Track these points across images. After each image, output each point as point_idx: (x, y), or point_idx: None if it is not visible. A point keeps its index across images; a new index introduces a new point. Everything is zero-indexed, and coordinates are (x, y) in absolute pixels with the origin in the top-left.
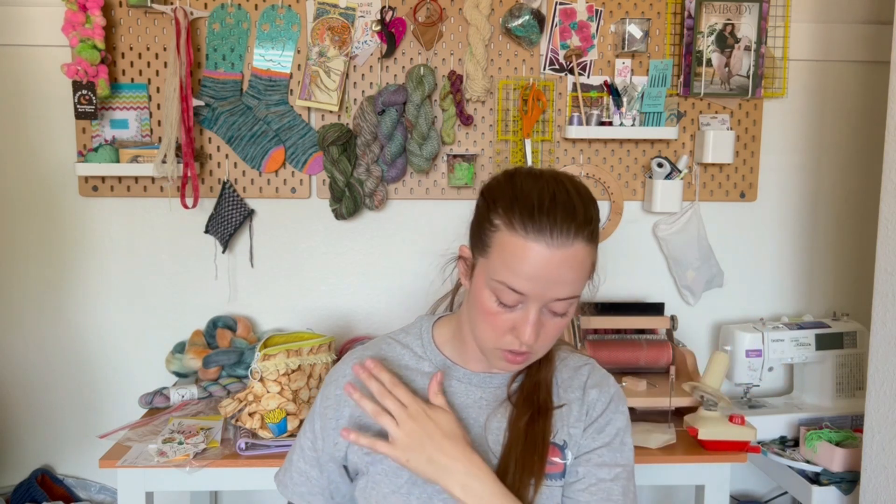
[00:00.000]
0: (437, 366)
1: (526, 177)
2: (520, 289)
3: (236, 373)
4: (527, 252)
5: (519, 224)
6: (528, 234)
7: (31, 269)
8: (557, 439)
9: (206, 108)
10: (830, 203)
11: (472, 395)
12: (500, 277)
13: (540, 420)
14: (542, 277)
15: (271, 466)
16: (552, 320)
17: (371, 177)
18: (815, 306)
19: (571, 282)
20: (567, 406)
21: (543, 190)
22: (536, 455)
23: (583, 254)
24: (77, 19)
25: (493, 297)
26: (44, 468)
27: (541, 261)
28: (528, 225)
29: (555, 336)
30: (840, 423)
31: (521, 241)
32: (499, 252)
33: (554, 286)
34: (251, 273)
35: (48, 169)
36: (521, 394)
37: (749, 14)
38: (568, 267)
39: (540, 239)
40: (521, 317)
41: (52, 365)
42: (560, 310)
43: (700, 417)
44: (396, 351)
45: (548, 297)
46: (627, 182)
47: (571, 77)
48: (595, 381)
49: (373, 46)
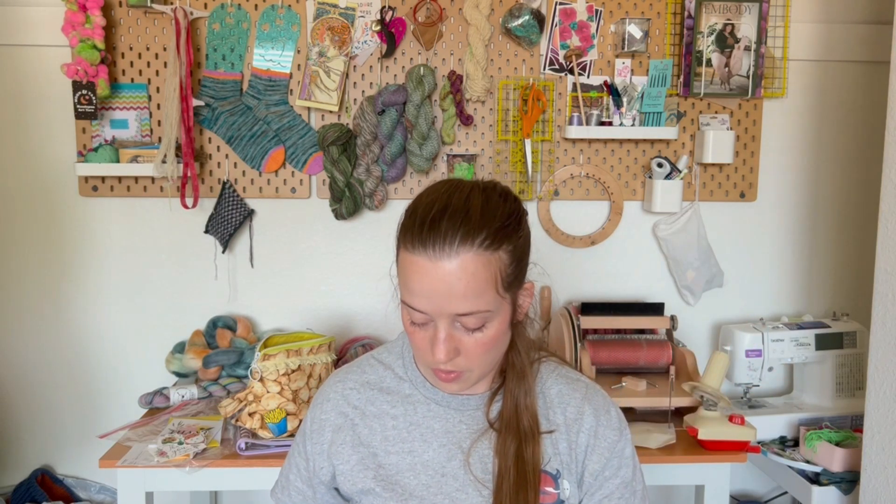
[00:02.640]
0: (416, 387)
1: (429, 189)
2: (416, 306)
3: (236, 373)
4: (413, 267)
5: (408, 240)
6: (414, 248)
7: (30, 270)
8: (549, 467)
9: (206, 108)
10: (830, 203)
11: (452, 419)
12: (403, 297)
13: (529, 448)
14: (432, 292)
15: (271, 466)
16: (470, 337)
17: (371, 177)
18: (815, 306)
19: (464, 295)
20: (558, 432)
21: (436, 201)
22: (530, 488)
23: (473, 265)
24: (77, 19)
25: (407, 318)
26: (44, 468)
27: (424, 275)
28: (414, 239)
29: (483, 352)
30: (840, 423)
31: (408, 257)
32: (401, 272)
33: (447, 301)
34: (251, 273)
35: (48, 169)
36: (502, 420)
37: (749, 14)
38: (455, 279)
39: (422, 252)
40: (433, 335)
41: (52, 365)
42: (471, 325)
43: (700, 417)
44: (378, 373)
45: (447, 313)
46: (627, 182)
47: (571, 77)
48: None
49: (373, 46)
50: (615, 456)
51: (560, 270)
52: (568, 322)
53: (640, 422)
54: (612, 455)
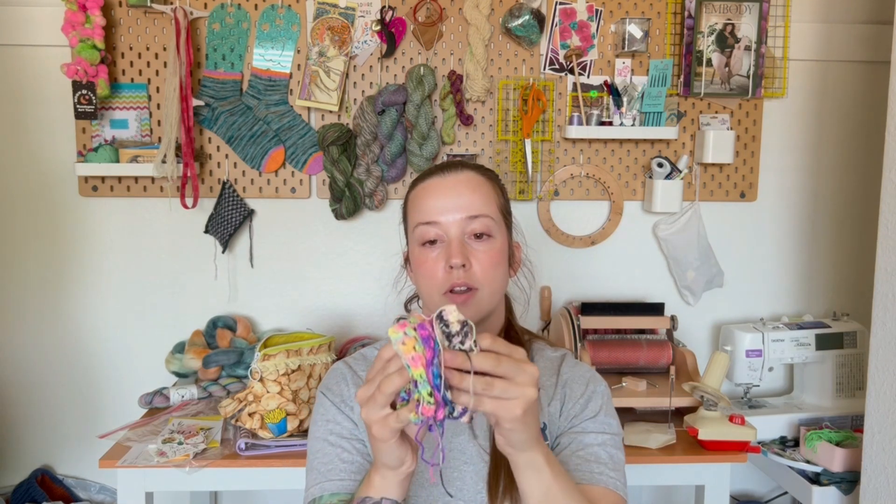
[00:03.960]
0: None
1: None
2: (431, 218)
3: (236, 373)
4: (426, 189)
5: (419, 180)
6: (424, 179)
7: (30, 269)
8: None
9: (205, 108)
10: (830, 203)
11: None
12: (417, 220)
13: None
14: (445, 202)
15: (271, 467)
16: (479, 245)
17: (371, 177)
18: (815, 306)
19: (471, 200)
20: (543, 389)
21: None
22: None
23: (476, 180)
24: (77, 19)
25: (420, 247)
26: (44, 468)
27: (437, 188)
28: (424, 175)
29: (491, 264)
30: (840, 423)
31: (420, 186)
32: (411, 207)
33: (458, 206)
34: (251, 273)
35: (48, 169)
36: None
37: (749, 14)
38: (463, 186)
39: (432, 177)
40: (447, 247)
41: (52, 365)
42: (479, 228)
43: (700, 417)
44: None
45: (458, 219)
46: (627, 182)
47: (571, 77)
48: (569, 366)
49: (373, 46)
50: (588, 400)
51: (560, 270)
52: (568, 322)
53: (640, 422)
54: (585, 400)
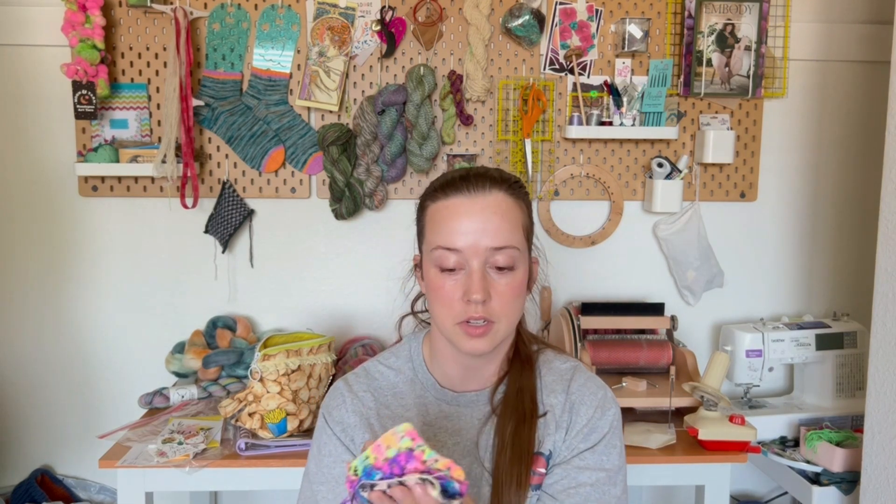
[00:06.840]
0: (427, 389)
1: (445, 172)
2: (453, 244)
3: (236, 373)
4: (449, 209)
5: (440, 192)
6: (448, 194)
7: (30, 269)
8: (543, 449)
9: (205, 108)
10: (830, 203)
11: (464, 416)
12: (436, 242)
13: (525, 427)
14: (469, 227)
15: (271, 467)
16: (501, 278)
17: (371, 177)
18: (815, 306)
19: (498, 228)
20: (550, 412)
21: (457, 170)
22: (523, 465)
23: (505, 203)
24: (77, 19)
25: (437, 270)
26: (44, 468)
27: (463, 211)
28: (447, 189)
29: (511, 298)
30: (840, 423)
31: (443, 203)
32: (430, 225)
33: (483, 234)
34: (251, 273)
35: (48, 169)
36: (504, 402)
37: (749, 14)
38: (491, 212)
39: (458, 194)
40: (466, 278)
41: (53, 365)
42: (502, 262)
43: (700, 417)
44: (389, 378)
45: (482, 248)
46: (627, 182)
47: (571, 77)
48: (579, 384)
49: (373, 46)
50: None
51: (560, 270)
52: (568, 322)
53: (641, 422)
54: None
